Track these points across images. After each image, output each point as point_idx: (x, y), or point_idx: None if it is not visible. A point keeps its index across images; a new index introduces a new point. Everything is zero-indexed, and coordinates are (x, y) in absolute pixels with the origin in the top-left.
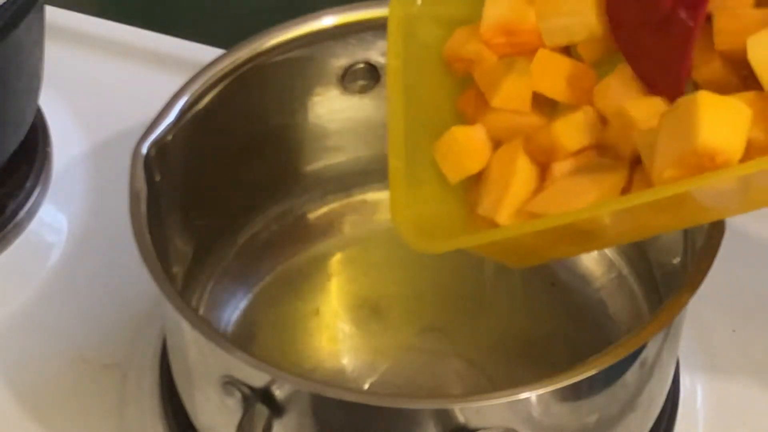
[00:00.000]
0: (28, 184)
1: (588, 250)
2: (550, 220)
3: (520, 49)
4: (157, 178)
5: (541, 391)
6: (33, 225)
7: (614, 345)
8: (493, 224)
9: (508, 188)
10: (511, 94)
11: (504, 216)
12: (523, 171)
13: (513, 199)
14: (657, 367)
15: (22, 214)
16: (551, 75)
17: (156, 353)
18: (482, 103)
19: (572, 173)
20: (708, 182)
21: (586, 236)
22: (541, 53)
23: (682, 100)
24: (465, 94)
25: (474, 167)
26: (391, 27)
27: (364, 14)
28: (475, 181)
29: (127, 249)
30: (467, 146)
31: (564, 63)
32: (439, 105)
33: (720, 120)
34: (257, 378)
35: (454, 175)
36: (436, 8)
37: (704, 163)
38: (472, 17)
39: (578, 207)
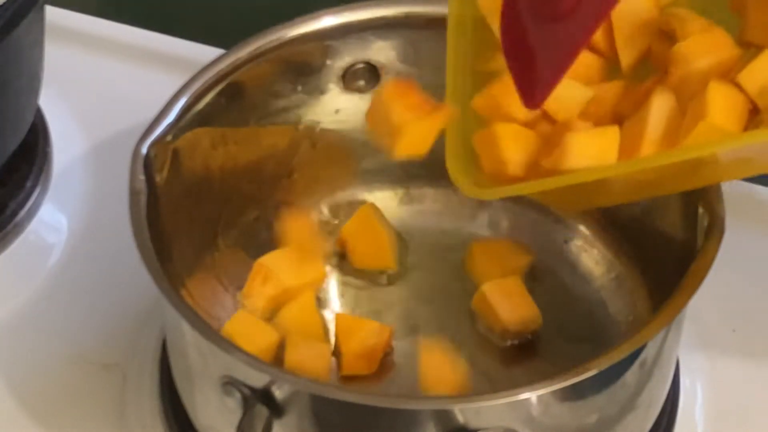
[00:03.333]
0: (28, 184)
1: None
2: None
3: None
4: (157, 178)
5: (541, 392)
6: (33, 225)
7: (614, 345)
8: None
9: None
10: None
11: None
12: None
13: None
14: (657, 367)
15: (22, 214)
16: None
17: (156, 353)
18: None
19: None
20: None
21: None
22: None
23: None
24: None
25: (514, 169)
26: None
27: (364, 14)
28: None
29: (127, 249)
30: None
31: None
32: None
33: None
34: (257, 378)
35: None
36: None
37: None
38: None
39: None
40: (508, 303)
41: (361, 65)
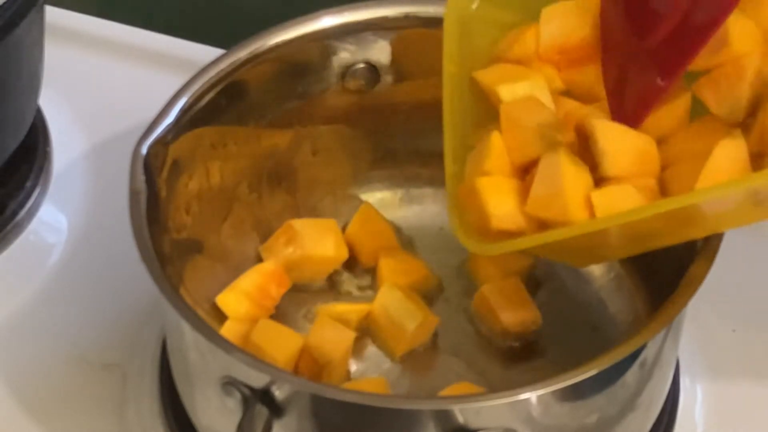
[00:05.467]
0: (28, 184)
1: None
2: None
3: (576, 63)
4: (157, 178)
5: (541, 392)
6: (33, 225)
7: (614, 345)
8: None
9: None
10: None
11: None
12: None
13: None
14: (657, 368)
15: (22, 214)
16: None
17: (156, 353)
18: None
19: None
20: None
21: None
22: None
23: None
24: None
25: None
26: (447, 29)
27: (364, 14)
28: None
29: (127, 249)
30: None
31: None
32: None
33: None
34: (257, 378)
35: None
36: (491, 11)
37: None
38: (525, 20)
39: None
40: (508, 304)
41: (361, 65)
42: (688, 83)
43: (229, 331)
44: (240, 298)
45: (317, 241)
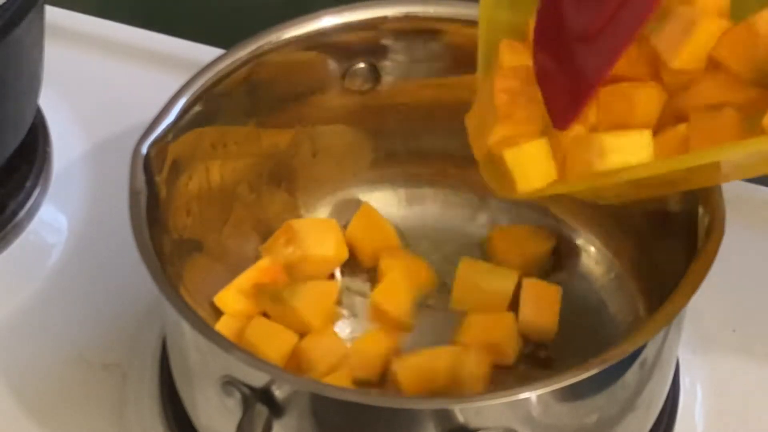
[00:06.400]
0: (28, 184)
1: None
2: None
3: None
4: (157, 178)
5: (541, 391)
6: (33, 225)
7: (614, 345)
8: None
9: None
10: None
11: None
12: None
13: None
14: (657, 367)
15: (22, 214)
16: None
17: (156, 353)
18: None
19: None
20: None
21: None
22: None
23: None
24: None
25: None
26: None
27: (364, 14)
28: None
29: (127, 249)
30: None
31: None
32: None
33: None
34: (257, 378)
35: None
36: None
37: None
38: None
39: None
40: (535, 305)
41: (361, 65)
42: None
43: (224, 326)
44: (237, 297)
45: (317, 241)
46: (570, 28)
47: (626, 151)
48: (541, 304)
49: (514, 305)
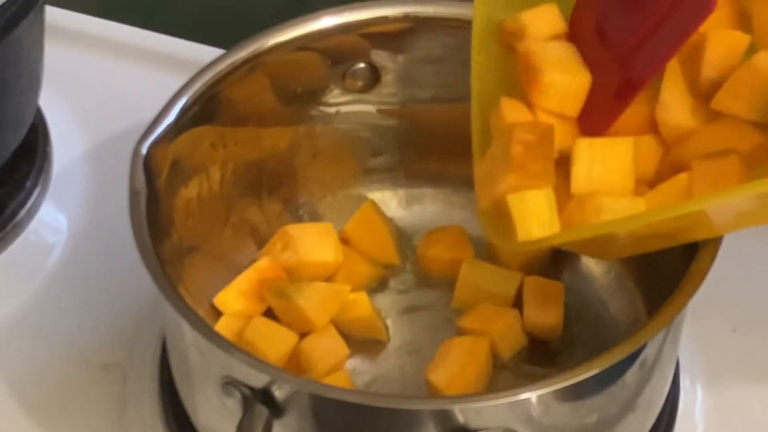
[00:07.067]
0: (28, 184)
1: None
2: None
3: None
4: (157, 178)
5: (541, 392)
6: (33, 225)
7: (614, 345)
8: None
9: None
10: None
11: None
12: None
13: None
14: (657, 368)
15: (22, 214)
16: None
17: (156, 353)
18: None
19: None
20: None
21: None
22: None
23: None
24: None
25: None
26: (476, 25)
27: (364, 14)
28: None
29: (127, 249)
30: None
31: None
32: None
33: None
34: (257, 378)
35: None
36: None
37: None
38: None
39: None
40: (539, 302)
41: (361, 65)
42: None
43: (223, 327)
44: (237, 297)
45: (313, 247)
46: (613, 30)
47: (620, 213)
48: (545, 301)
49: (517, 306)
